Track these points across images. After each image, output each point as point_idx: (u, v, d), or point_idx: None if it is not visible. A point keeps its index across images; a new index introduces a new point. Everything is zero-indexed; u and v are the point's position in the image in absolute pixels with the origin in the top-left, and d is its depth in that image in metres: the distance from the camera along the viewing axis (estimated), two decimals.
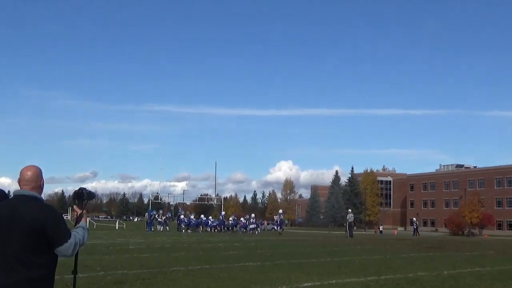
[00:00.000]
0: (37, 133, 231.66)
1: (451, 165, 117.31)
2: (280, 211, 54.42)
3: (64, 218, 4.19)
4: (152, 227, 52.81)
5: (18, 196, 4.03)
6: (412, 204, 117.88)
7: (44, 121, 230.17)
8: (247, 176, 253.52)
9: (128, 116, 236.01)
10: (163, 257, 18.18)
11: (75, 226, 4.26)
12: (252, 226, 53.64)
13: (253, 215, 57.31)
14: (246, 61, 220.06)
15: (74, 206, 4.50)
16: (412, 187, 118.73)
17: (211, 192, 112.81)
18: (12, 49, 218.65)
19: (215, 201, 77.94)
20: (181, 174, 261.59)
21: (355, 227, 55.75)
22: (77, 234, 4.09)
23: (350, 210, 47.96)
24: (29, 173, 4.08)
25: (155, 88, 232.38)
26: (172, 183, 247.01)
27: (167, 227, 53.92)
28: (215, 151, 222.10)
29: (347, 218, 43.79)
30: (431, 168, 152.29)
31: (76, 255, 4.43)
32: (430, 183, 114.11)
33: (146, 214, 55.70)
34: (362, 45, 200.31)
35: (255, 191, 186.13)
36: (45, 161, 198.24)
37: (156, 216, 55.06)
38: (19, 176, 4.08)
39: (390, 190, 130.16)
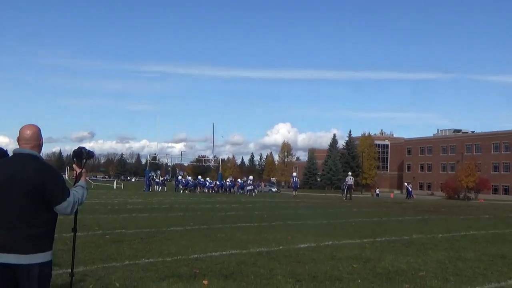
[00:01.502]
0: (35, 92, 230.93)
1: (448, 130, 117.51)
2: (294, 173, 54.43)
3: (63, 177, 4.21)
4: (150, 187, 53.11)
5: (18, 155, 4.03)
6: (409, 168, 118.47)
7: (42, 79, 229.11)
8: (245, 138, 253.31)
9: (126, 76, 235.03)
10: (161, 217, 18.34)
11: (74, 185, 4.29)
12: (249, 187, 54.07)
13: (251, 177, 57.76)
14: (245, 21, 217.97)
15: (74, 165, 4.52)
16: (409, 151, 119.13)
17: (208, 154, 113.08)
18: (11, 7, 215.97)
19: (212, 162, 77.99)
20: (179, 135, 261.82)
21: (352, 190, 56.09)
22: (76, 193, 4.12)
23: (350, 173, 47.88)
24: (28, 132, 4.07)
25: (153, 48, 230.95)
26: (170, 144, 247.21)
27: (165, 188, 54.24)
28: (213, 112, 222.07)
29: (346, 180, 43.81)
30: (428, 133, 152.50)
31: (76, 213, 4.46)
32: (428, 147, 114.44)
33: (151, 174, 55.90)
34: (362, 7, 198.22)
35: (252, 153, 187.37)
36: (43, 120, 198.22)
37: (154, 176, 55.34)
38: (18, 135, 4.07)
39: (387, 154, 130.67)
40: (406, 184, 65.67)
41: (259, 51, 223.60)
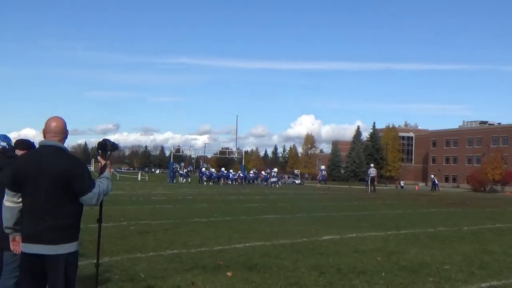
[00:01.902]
0: (61, 85, 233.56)
1: (474, 121, 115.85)
2: (322, 167, 54.28)
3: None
4: (174, 179, 53.44)
5: (44, 147, 4.07)
6: (434, 160, 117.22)
7: (67, 72, 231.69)
8: (268, 130, 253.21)
9: (150, 68, 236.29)
10: (185, 209, 18.46)
11: (99, 176, 4.33)
12: (273, 179, 54.07)
13: (275, 169, 57.70)
14: (269, 13, 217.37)
15: (98, 157, 4.57)
16: (434, 143, 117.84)
17: (232, 146, 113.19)
18: (38, 1, 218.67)
19: (236, 154, 78.11)
20: (203, 127, 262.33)
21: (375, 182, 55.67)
22: (101, 184, 4.15)
23: (372, 165, 47.64)
24: (54, 124, 4.11)
25: (178, 40, 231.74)
26: (193, 136, 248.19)
27: (189, 180, 54.55)
28: (237, 104, 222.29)
29: (369, 173, 43.58)
30: (454, 124, 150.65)
31: (101, 204, 4.51)
32: (453, 139, 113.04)
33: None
34: None
35: (276, 146, 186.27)
36: (68, 112, 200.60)
37: (178, 168, 55.66)
38: (44, 127, 4.11)
39: (412, 146, 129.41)
40: (432, 176, 64.74)
41: (283, 43, 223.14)
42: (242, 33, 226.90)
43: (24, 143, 5.41)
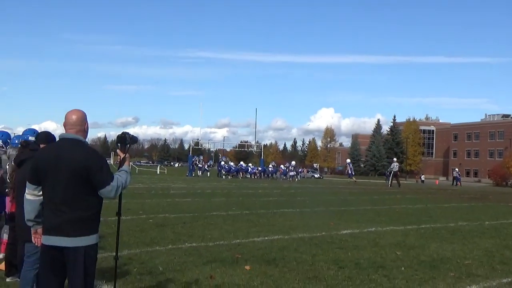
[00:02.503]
0: (81, 78, 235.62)
1: (497, 114, 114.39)
2: (348, 160, 53.97)
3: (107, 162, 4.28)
4: (193, 172, 53.64)
5: (63, 140, 4.10)
6: (455, 154, 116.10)
7: (88, 66, 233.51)
8: (288, 124, 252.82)
9: (169, 61, 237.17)
10: (203, 202, 18.53)
11: (118, 169, 4.35)
12: (292, 173, 53.99)
13: (293, 162, 57.53)
14: (290, 7, 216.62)
15: (118, 150, 4.59)
16: (455, 137, 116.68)
17: (251, 139, 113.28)
18: None
19: (255, 148, 78.13)
20: (222, 120, 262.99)
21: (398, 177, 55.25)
22: (119, 177, 4.17)
23: (395, 159, 47.16)
24: (74, 117, 4.13)
25: (198, 34, 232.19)
26: (212, 130, 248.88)
27: (208, 173, 54.71)
28: (256, 97, 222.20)
29: (391, 167, 43.06)
30: (476, 118, 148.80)
31: (120, 197, 4.54)
32: (475, 133, 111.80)
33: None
34: None
35: (295, 139, 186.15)
36: (88, 105, 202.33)
37: (197, 162, 55.82)
38: (64, 120, 4.14)
39: (433, 139, 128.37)
40: (456, 170, 63.78)
41: (303, 36, 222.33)
42: (262, 27, 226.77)
43: (44, 136, 5.47)
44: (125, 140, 4.58)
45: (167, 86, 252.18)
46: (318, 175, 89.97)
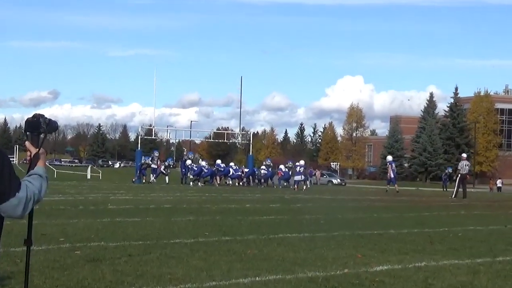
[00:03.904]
0: None
1: None
2: (390, 158, 53.80)
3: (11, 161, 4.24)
4: (144, 177, 53.58)
5: None
6: None
7: None
8: (291, 101, 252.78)
9: (105, 7, 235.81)
10: (160, 223, 18.51)
11: (27, 173, 4.31)
12: (298, 177, 53.91)
13: (301, 162, 57.26)
14: None
15: (27, 143, 4.53)
16: None
17: (233, 125, 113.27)
18: None
19: (239, 138, 78.09)
20: (188, 96, 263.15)
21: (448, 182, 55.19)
22: (30, 185, 4.13)
23: (465, 155, 46.80)
24: None
25: None
26: (173, 111, 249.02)
27: (167, 178, 54.67)
28: (241, 61, 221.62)
29: (459, 168, 42.63)
30: None
31: (30, 217, 4.50)
32: None
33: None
34: None
35: (302, 124, 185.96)
36: None
37: (149, 161, 55.75)
38: None
39: None
40: None
41: None
42: None
43: None
44: (39, 127, 4.53)
45: (101, 42, 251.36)
46: (339, 179, 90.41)
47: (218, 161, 59.73)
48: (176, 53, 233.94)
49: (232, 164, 61.50)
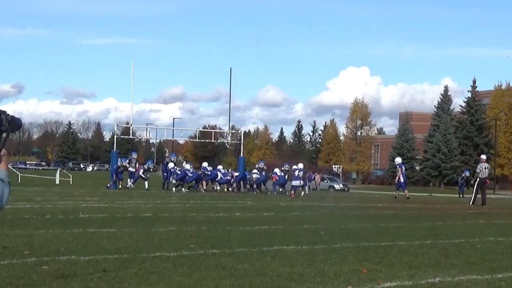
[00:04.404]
0: None
1: None
2: (398, 159, 53.72)
3: None
4: (120, 182, 53.58)
5: None
6: None
7: None
8: (287, 95, 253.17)
9: None
10: (139, 234, 18.56)
11: None
12: (296, 182, 53.98)
13: (300, 165, 57.31)
14: None
15: None
16: None
17: (222, 123, 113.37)
18: None
19: (229, 138, 78.20)
20: (170, 90, 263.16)
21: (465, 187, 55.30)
22: None
23: (484, 156, 46.76)
24: None
25: None
26: (154, 106, 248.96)
27: (146, 183, 54.71)
28: (230, 50, 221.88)
29: (478, 171, 42.67)
30: None
31: None
32: None
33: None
34: None
35: (299, 122, 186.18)
36: None
37: (126, 163, 55.79)
38: None
39: None
40: None
41: None
42: None
43: None
44: (0, 126, 4.59)
45: (72, 29, 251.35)
46: (341, 184, 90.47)
47: (205, 164, 59.69)
48: (157, 42, 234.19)
49: (220, 167, 61.58)
